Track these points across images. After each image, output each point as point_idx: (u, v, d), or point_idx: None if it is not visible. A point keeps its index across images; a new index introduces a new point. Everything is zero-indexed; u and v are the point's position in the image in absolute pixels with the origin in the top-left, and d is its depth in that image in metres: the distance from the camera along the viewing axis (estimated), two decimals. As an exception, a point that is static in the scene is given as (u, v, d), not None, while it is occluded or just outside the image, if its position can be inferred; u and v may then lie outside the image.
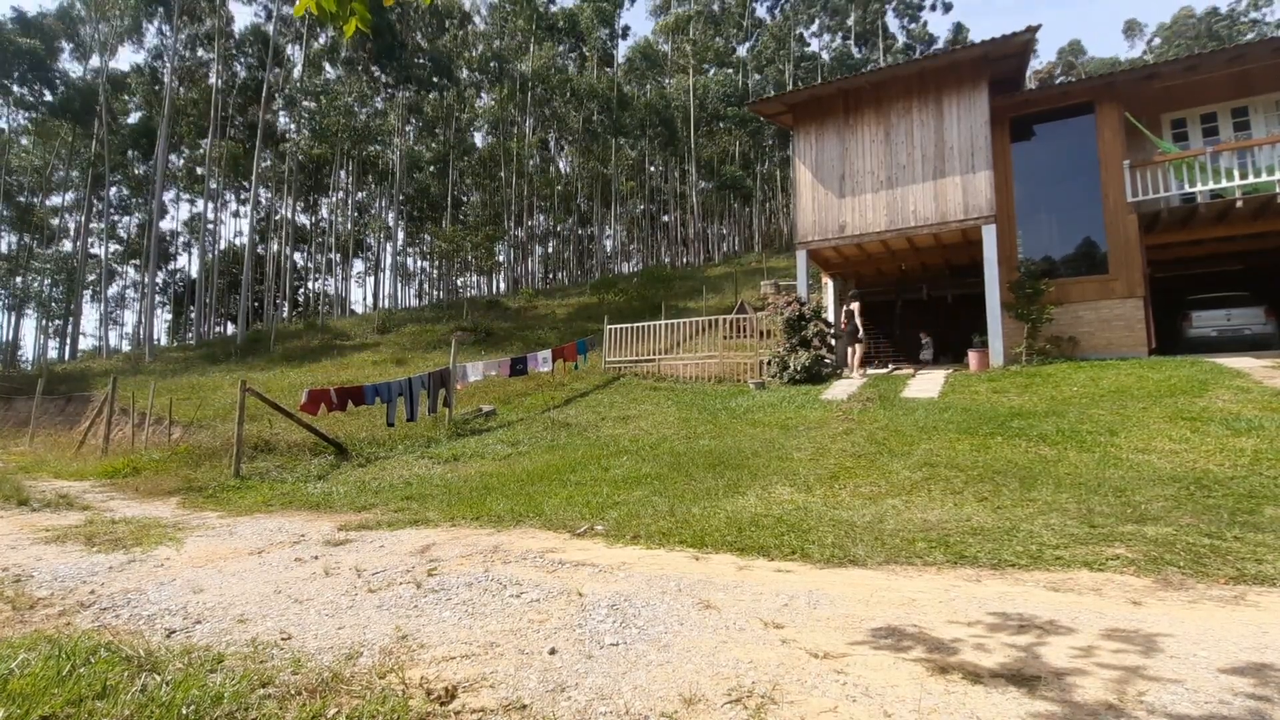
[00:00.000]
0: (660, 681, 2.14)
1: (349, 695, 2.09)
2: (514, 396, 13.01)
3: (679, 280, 33.72)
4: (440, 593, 3.22)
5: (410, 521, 5.20)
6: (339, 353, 24.56)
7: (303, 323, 36.59)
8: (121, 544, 4.69)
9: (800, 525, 4.26)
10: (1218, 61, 10.93)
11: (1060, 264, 11.92)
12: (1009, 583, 3.15)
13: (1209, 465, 5.17)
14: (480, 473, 7.39)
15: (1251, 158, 10.66)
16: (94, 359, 33.92)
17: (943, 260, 14.77)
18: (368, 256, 55.06)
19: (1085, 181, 11.70)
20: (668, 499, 5.26)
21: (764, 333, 12.83)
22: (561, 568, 3.61)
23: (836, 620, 2.68)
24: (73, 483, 8.84)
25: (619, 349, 14.51)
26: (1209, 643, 2.31)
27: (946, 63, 11.91)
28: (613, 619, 2.75)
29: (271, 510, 6.32)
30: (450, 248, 30.78)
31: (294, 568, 3.90)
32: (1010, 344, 11.10)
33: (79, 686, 2.09)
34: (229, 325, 46.54)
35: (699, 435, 8.25)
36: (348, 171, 42.23)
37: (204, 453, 9.93)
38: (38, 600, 3.38)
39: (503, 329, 26.68)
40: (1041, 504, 4.49)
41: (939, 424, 7.29)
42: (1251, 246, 12.52)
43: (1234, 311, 11.52)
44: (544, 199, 49.49)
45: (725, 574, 3.40)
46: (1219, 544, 3.47)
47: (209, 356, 26.85)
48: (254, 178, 32.23)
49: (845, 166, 12.74)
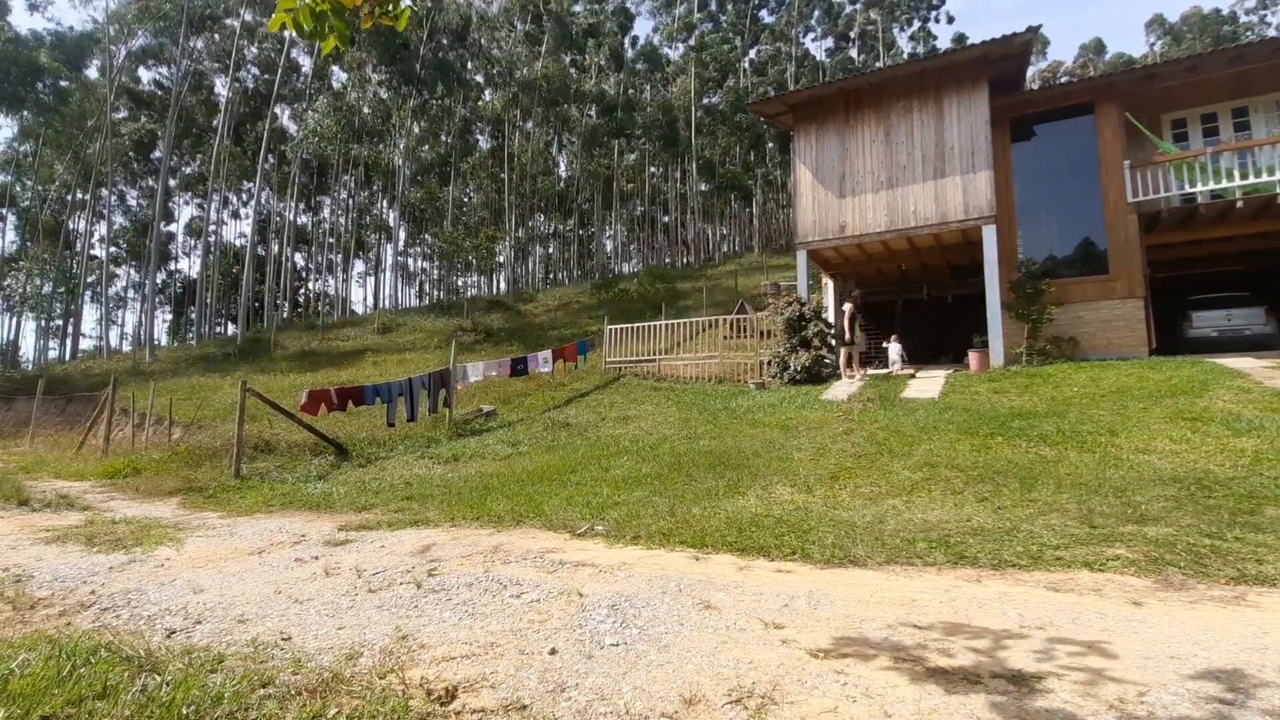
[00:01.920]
0: (660, 682, 2.14)
1: (349, 695, 2.09)
2: (514, 397, 13.01)
3: (679, 280, 33.71)
4: (440, 593, 3.22)
5: (410, 522, 5.20)
6: (339, 353, 24.57)
7: (303, 323, 36.60)
8: (122, 544, 4.69)
9: (800, 525, 4.26)
10: (1218, 62, 10.92)
11: (1060, 264, 11.91)
12: (1009, 583, 3.15)
13: (1209, 465, 5.17)
14: (480, 473, 7.39)
15: (1252, 158, 10.65)
16: (94, 360, 33.93)
17: (943, 260, 14.76)
18: (369, 257, 55.10)
19: (1085, 181, 11.69)
20: (668, 499, 5.26)
21: (764, 333, 12.82)
22: (562, 568, 3.61)
23: (837, 620, 2.67)
24: (73, 483, 8.84)
25: (619, 349, 14.51)
26: (1209, 643, 2.31)
27: (947, 63, 11.91)
28: (613, 619, 2.74)
29: (272, 510, 6.32)
30: (451, 249, 30.77)
31: (294, 568, 3.90)
32: (1011, 344, 11.09)
33: (79, 687, 2.09)
34: (229, 326, 46.58)
35: (699, 435, 8.25)
36: (350, 173, 42.25)
37: (204, 453, 9.93)
38: (38, 600, 3.38)
39: (503, 329, 26.69)
40: (1042, 504, 4.49)
41: (939, 424, 7.29)
42: (1252, 247, 12.50)
43: (1234, 312, 11.51)
44: (545, 199, 49.49)
45: (726, 574, 3.40)
46: (1219, 544, 3.47)
47: (209, 357, 26.86)
48: (257, 179, 32.26)
49: (845, 167, 12.73)
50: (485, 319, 28.99)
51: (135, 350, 36.80)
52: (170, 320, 53.25)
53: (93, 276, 42.21)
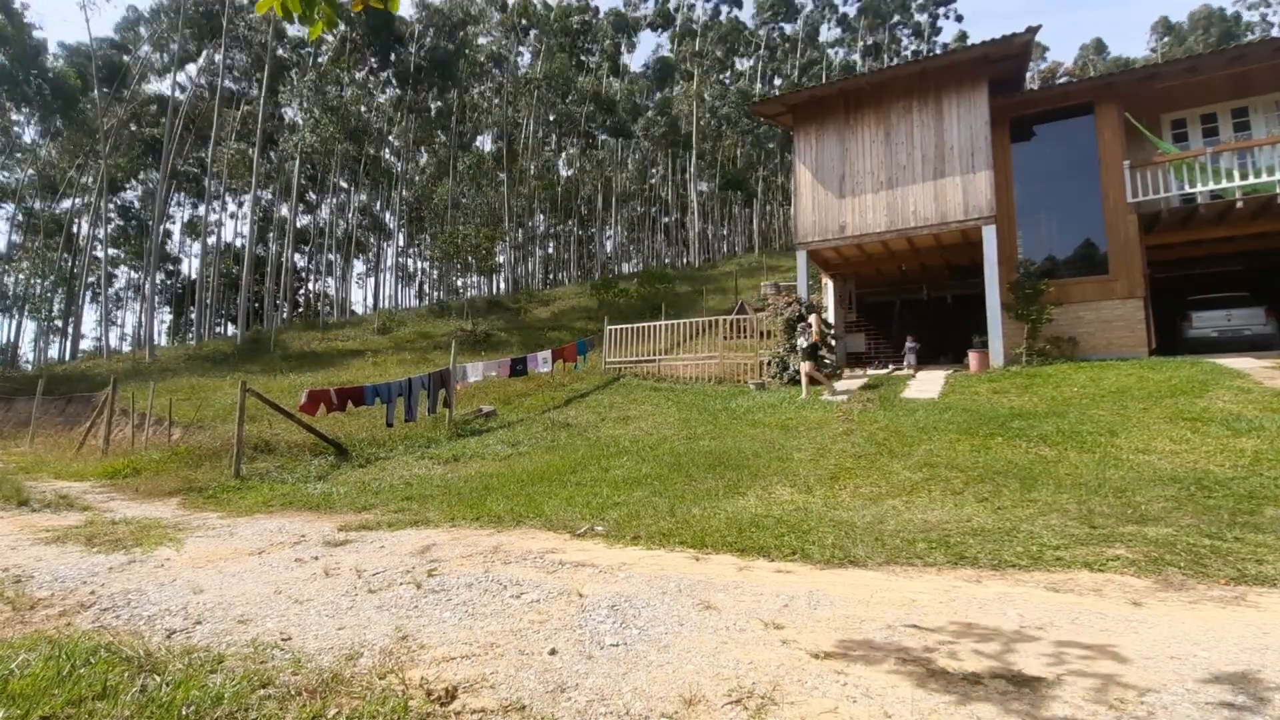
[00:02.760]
0: (660, 682, 2.14)
1: (349, 696, 2.09)
2: (514, 397, 13.01)
3: (679, 281, 33.72)
4: (440, 593, 3.21)
5: (410, 522, 5.19)
6: (339, 353, 24.58)
7: (303, 323, 36.58)
8: (122, 545, 4.68)
9: (800, 526, 4.26)
10: (1218, 62, 10.93)
11: (1060, 264, 11.91)
12: (1009, 583, 3.14)
13: (1209, 466, 5.17)
14: (480, 473, 7.38)
15: (1251, 158, 10.66)
16: (94, 360, 33.89)
17: (943, 261, 14.76)
18: (368, 257, 55.07)
19: (1085, 182, 11.70)
20: (668, 499, 5.26)
21: (764, 333, 12.82)
22: (562, 568, 3.61)
23: (837, 621, 2.67)
24: (73, 483, 8.84)
25: (619, 349, 14.51)
26: (1209, 643, 2.31)
27: (946, 63, 11.91)
28: (613, 620, 2.74)
29: (272, 511, 6.32)
30: (450, 250, 30.74)
31: (294, 568, 3.89)
32: (1010, 344, 11.10)
33: (79, 687, 2.09)
34: (229, 326, 46.51)
35: (699, 436, 8.25)
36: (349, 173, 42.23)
37: (204, 453, 9.92)
38: (38, 601, 3.38)
39: (503, 329, 26.70)
40: (1042, 504, 4.49)
41: (939, 424, 7.29)
42: (1252, 247, 12.51)
43: (1234, 312, 11.51)
44: (545, 200, 49.49)
45: (725, 575, 3.40)
46: (1219, 545, 3.47)
47: (209, 357, 26.85)
48: (254, 179, 32.22)
49: (845, 167, 12.74)
50: (485, 319, 28.99)
51: (135, 350, 36.75)
52: (170, 320, 53.23)
53: (93, 277, 42.21)
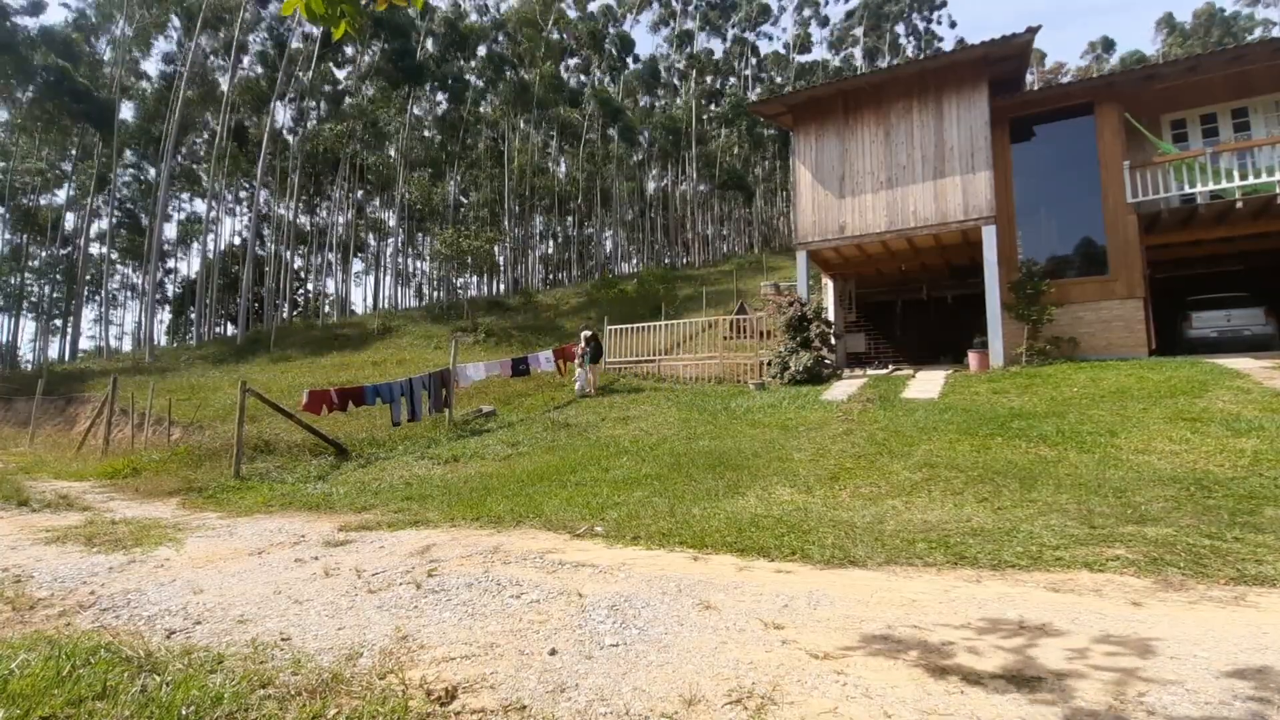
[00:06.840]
0: (660, 682, 2.14)
1: (349, 696, 2.09)
2: (514, 397, 13.01)
3: (679, 281, 33.72)
4: (440, 593, 3.21)
5: (410, 522, 5.20)
6: (339, 353, 24.55)
7: (303, 323, 36.57)
8: (121, 545, 4.68)
9: (800, 526, 4.26)
10: (1218, 62, 10.93)
11: (1060, 264, 11.91)
12: (1009, 583, 3.14)
13: (1209, 466, 5.17)
14: (480, 473, 7.39)
15: (1251, 158, 10.66)
16: (94, 359, 33.90)
17: (943, 261, 14.76)
18: (367, 257, 55.03)
19: (1085, 182, 11.69)
20: (668, 500, 5.26)
21: (764, 333, 12.83)
22: (561, 568, 3.61)
23: (837, 621, 2.67)
24: (73, 483, 8.84)
25: (619, 349, 14.51)
26: (1209, 644, 2.31)
27: (946, 63, 11.91)
28: (613, 620, 2.74)
29: (271, 511, 6.32)
30: (450, 251, 30.72)
31: (294, 568, 3.89)
32: (1010, 344, 11.10)
33: (79, 687, 2.09)
34: (229, 326, 46.47)
35: (699, 436, 8.25)
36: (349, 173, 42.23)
37: (204, 453, 9.92)
38: (38, 601, 3.38)
39: (503, 329, 26.68)
40: (1042, 505, 4.49)
41: (939, 425, 7.29)
42: (1251, 247, 12.52)
43: (1234, 312, 11.51)
44: (544, 200, 49.49)
45: (725, 575, 3.40)
46: (1219, 545, 3.47)
47: (209, 357, 26.85)
48: (257, 178, 32.23)
49: (845, 167, 12.74)
50: (485, 319, 28.98)
51: (135, 350, 36.78)
52: (170, 320, 53.18)
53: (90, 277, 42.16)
